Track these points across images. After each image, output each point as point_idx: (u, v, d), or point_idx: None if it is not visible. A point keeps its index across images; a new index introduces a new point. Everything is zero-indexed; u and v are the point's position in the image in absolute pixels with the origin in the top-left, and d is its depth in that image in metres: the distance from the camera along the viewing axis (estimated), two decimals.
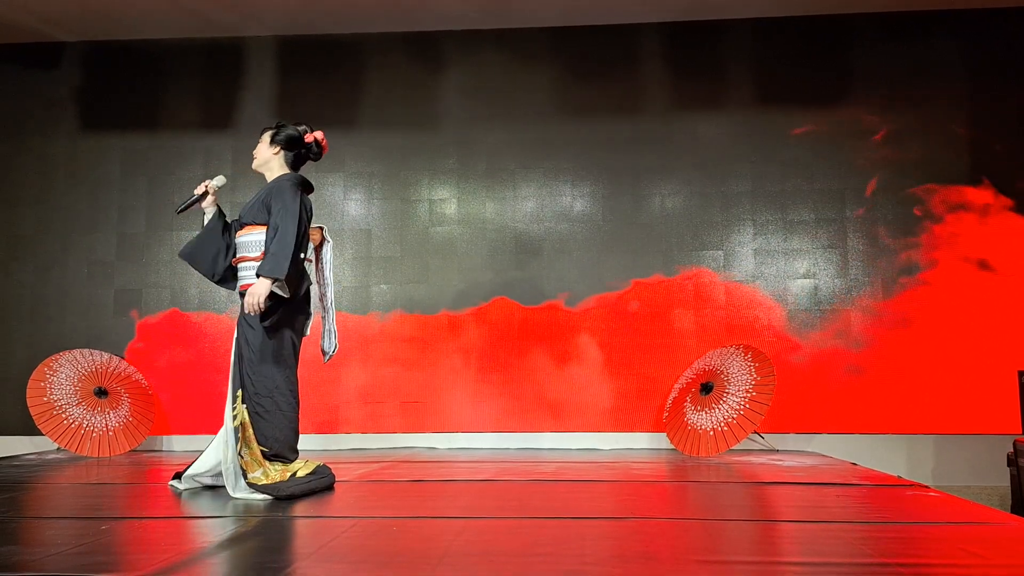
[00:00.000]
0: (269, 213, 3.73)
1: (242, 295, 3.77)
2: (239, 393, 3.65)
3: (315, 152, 4.02)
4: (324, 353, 4.03)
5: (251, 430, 3.62)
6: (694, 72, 6.36)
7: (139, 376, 5.96)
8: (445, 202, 6.39)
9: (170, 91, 6.61)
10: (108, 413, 5.76)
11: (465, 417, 6.14)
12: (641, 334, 6.11)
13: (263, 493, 3.56)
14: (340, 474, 4.30)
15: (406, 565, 2.39)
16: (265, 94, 6.55)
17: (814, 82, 6.25)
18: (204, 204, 3.93)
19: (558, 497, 3.73)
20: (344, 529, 2.86)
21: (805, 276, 6.10)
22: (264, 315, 3.65)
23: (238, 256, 3.86)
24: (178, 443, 6.22)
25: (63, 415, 5.65)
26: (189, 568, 2.33)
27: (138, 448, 5.89)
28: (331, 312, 4.03)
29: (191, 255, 3.94)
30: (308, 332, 3.89)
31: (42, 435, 5.74)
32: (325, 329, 4.01)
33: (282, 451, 3.67)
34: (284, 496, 3.56)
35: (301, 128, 3.98)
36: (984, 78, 6.13)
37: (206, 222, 3.94)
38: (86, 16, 6.28)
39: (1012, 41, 6.13)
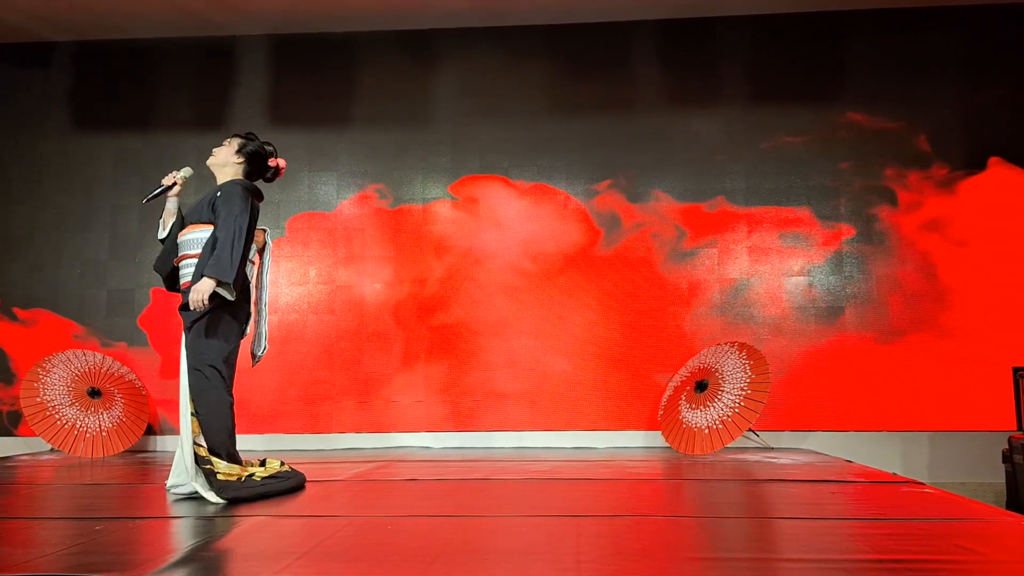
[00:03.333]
0: (214, 214, 3.71)
1: (184, 293, 3.74)
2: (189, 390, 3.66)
3: (270, 176, 4.02)
4: (253, 356, 3.97)
5: (197, 425, 3.61)
6: (688, 69, 6.35)
7: (133, 376, 5.94)
8: (439, 202, 6.37)
9: (163, 90, 6.59)
10: (101, 413, 5.74)
11: (459, 416, 6.13)
12: (636, 332, 6.10)
13: (212, 488, 3.51)
14: (333, 474, 4.30)
15: (401, 564, 2.39)
16: (258, 93, 6.53)
17: (809, 79, 6.25)
18: (171, 194, 3.93)
19: (553, 495, 3.72)
20: (338, 528, 2.85)
21: (800, 273, 6.10)
22: (207, 317, 3.63)
23: (180, 254, 3.83)
24: (172, 443, 6.20)
25: (56, 416, 5.63)
26: (183, 568, 2.32)
27: (132, 448, 5.88)
28: (264, 315, 4.01)
29: (160, 266, 3.97)
30: (248, 331, 3.85)
31: (35, 436, 5.72)
32: (257, 332, 3.97)
33: (216, 448, 3.58)
34: (229, 497, 3.48)
35: (268, 148, 3.99)
36: (978, 73, 6.14)
37: (166, 224, 3.94)
38: (78, 15, 6.25)
39: (1006, 36, 6.14)
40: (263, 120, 6.43)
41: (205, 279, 3.57)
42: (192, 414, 3.61)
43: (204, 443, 3.58)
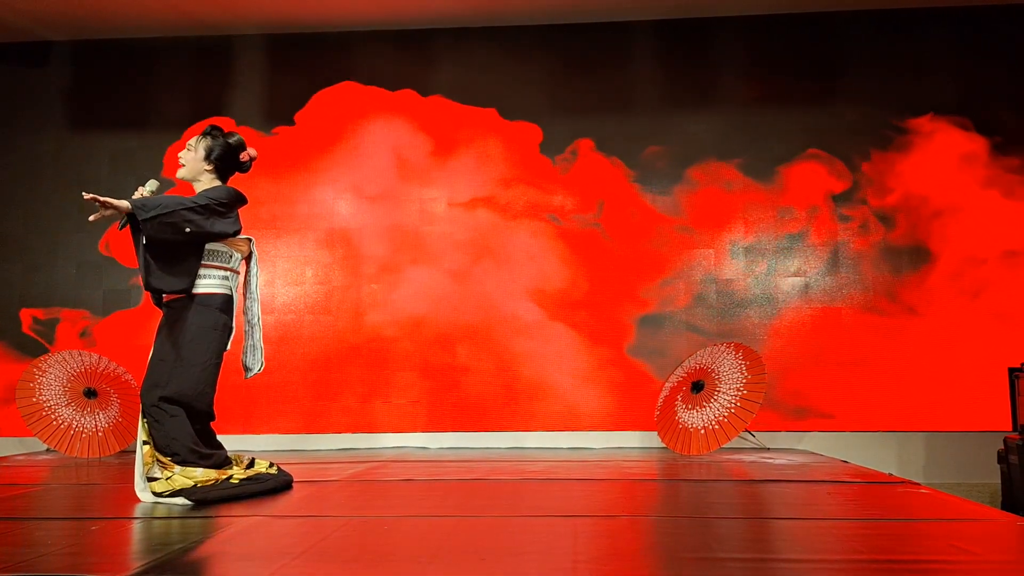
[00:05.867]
0: None
1: (166, 305, 3.65)
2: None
3: (245, 167, 3.87)
4: (247, 369, 3.85)
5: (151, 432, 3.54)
6: (685, 69, 6.37)
7: (129, 376, 5.92)
8: (435, 201, 6.37)
9: (159, 89, 6.58)
10: (98, 414, 5.72)
11: (456, 416, 6.13)
12: (632, 333, 6.11)
13: (178, 495, 3.45)
14: (330, 474, 4.29)
15: (397, 564, 2.39)
16: (254, 92, 6.53)
17: (805, 79, 6.27)
18: None
19: (549, 495, 3.72)
20: (335, 528, 2.85)
21: (796, 274, 6.11)
22: (184, 326, 3.56)
23: None
24: None
25: (52, 416, 5.62)
26: (179, 567, 2.31)
27: (128, 448, 5.86)
28: (256, 327, 3.88)
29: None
30: (229, 347, 3.69)
31: (32, 436, 5.71)
32: (248, 344, 3.86)
33: (186, 459, 3.50)
34: (197, 499, 3.41)
35: (234, 140, 3.78)
36: (976, 73, 6.15)
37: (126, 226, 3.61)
38: (74, 14, 6.25)
39: (1004, 37, 6.16)
40: (260, 119, 6.43)
41: (124, 201, 3.42)
42: (144, 442, 3.52)
43: (168, 456, 3.50)
